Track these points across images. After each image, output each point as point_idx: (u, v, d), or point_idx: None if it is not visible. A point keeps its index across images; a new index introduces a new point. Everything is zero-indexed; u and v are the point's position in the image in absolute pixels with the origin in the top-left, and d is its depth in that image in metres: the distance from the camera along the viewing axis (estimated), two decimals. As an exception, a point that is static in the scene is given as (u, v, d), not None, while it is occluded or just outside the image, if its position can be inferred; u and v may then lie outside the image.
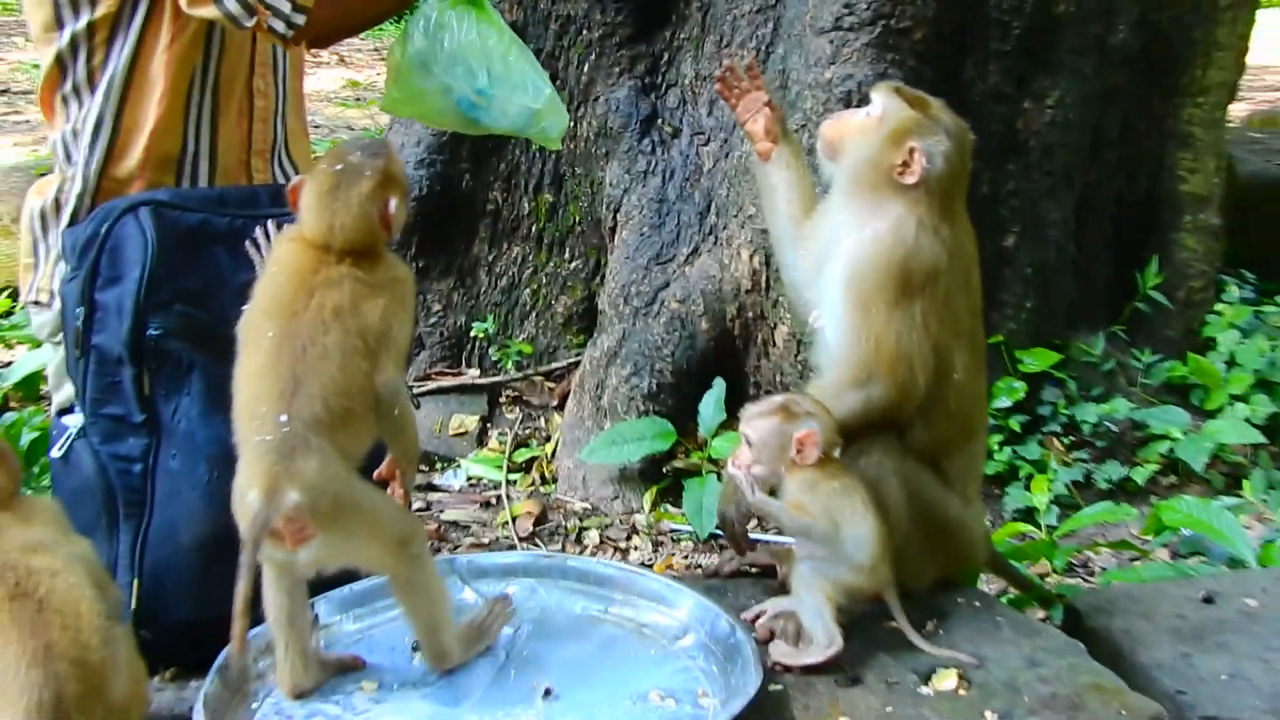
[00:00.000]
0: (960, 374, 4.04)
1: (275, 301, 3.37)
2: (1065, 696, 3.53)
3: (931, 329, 3.93)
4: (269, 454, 3.19)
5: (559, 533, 5.55)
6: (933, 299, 3.94)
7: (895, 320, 3.89)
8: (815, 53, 5.69)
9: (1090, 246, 6.45)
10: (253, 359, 3.32)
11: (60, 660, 3.09)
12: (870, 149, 3.98)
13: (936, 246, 3.94)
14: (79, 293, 3.91)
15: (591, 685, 3.64)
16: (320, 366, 3.27)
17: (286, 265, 3.43)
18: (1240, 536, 4.78)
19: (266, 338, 3.30)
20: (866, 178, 3.99)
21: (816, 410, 3.78)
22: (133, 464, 3.92)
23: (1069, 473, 5.81)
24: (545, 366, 6.55)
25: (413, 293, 3.56)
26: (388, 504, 3.48)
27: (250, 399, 3.28)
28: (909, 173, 3.94)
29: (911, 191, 3.94)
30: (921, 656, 3.74)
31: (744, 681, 3.50)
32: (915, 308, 3.91)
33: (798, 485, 3.74)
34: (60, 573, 3.21)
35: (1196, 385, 6.31)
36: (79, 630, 3.15)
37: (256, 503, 3.15)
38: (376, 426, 3.40)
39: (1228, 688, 3.75)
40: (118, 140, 4.13)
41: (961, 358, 4.04)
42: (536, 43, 6.43)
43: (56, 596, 3.16)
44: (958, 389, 4.05)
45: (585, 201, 6.48)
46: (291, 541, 3.24)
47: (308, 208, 3.43)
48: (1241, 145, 8.14)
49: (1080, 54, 6.09)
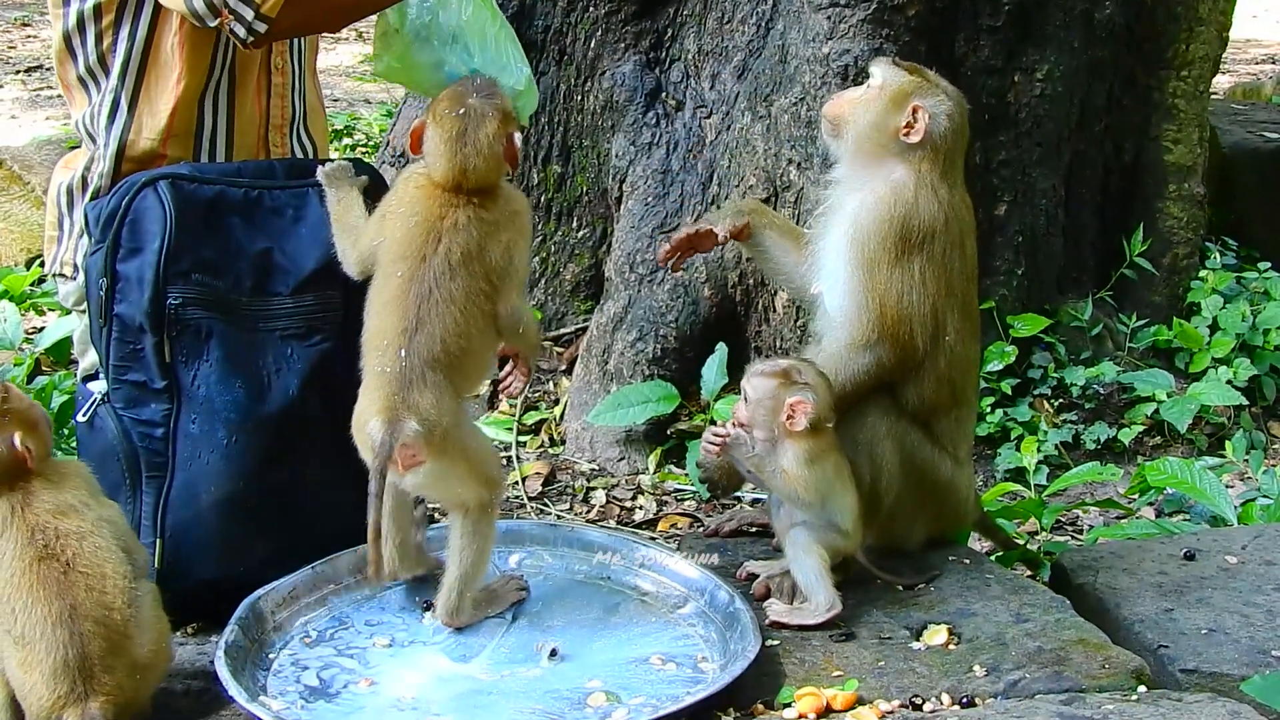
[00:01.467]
0: (951, 337, 4.15)
1: (406, 244, 3.60)
2: (1051, 651, 3.66)
3: (930, 288, 4.06)
4: (390, 384, 3.48)
5: (567, 492, 5.67)
6: (929, 258, 4.06)
7: (896, 279, 4.02)
8: (813, 28, 5.78)
9: (1078, 215, 6.55)
10: (382, 294, 3.59)
11: (85, 620, 3.22)
12: (875, 114, 4.12)
13: (934, 205, 4.07)
14: (101, 264, 3.95)
15: (595, 648, 3.77)
16: (444, 310, 3.54)
17: (416, 207, 3.64)
18: (1222, 495, 4.90)
19: (396, 276, 3.55)
20: (871, 142, 4.12)
21: (816, 382, 3.89)
22: (154, 428, 3.97)
23: (1058, 434, 5.93)
24: (554, 332, 6.62)
25: (530, 220, 3.81)
26: (489, 448, 3.81)
27: (376, 331, 3.58)
28: (914, 131, 4.06)
29: (915, 152, 4.08)
30: (914, 612, 3.88)
31: (743, 646, 3.61)
32: (914, 265, 4.04)
33: (792, 457, 3.87)
34: (88, 535, 3.33)
35: (1181, 349, 6.42)
36: (104, 592, 3.27)
37: (378, 430, 3.44)
38: (500, 340, 3.72)
39: (1207, 641, 3.85)
40: (135, 121, 4.19)
41: (953, 321, 4.15)
42: (545, 19, 6.51)
43: (83, 559, 3.28)
44: (949, 352, 4.16)
45: (592, 172, 6.56)
46: (403, 466, 3.50)
47: (436, 153, 3.65)
48: (1224, 117, 8.15)
49: (1068, 28, 6.18)
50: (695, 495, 5.57)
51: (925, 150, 4.08)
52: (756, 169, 5.95)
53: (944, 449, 4.23)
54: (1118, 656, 3.65)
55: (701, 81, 6.38)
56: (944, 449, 4.23)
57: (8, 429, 3.37)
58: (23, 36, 13.96)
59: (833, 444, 3.95)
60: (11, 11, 15.07)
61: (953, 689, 3.53)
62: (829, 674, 3.61)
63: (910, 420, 4.18)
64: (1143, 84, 6.65)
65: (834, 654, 3.70)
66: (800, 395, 3.84)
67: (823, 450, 3.89)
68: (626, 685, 3.59)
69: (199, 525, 3.94)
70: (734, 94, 6.23)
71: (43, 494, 3.35)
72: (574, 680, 3.61)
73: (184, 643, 3.81)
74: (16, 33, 14.21)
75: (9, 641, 3.24)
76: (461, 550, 3.72)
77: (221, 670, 3.45)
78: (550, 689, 3.58)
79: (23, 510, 3.31)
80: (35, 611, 3.21)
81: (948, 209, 4.10)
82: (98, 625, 3.23)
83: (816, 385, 3.89)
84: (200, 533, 3.94)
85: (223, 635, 3.61)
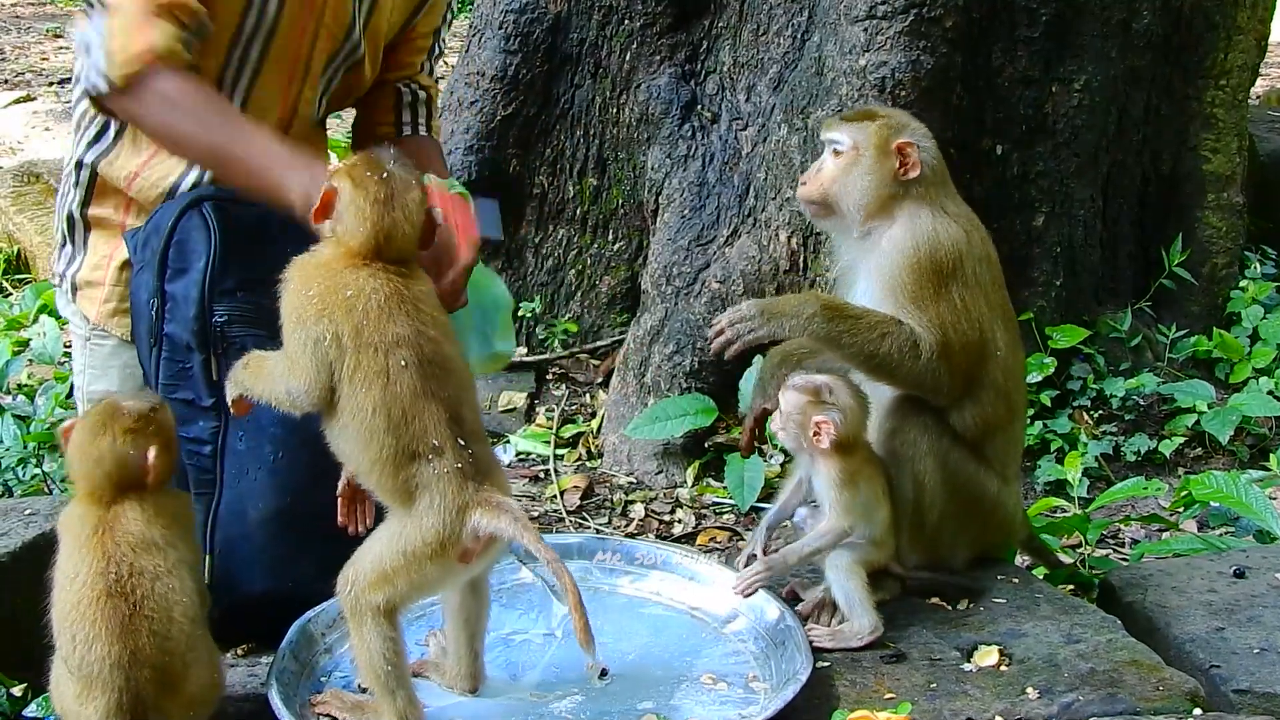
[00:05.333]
0: (1003, 350, 4.13)
1: (381, 326, 3.22)
2: (1104, 672, 3.64)
3: (973, 312, 4.03)
4: (463, 478, 3.19)
5: (605, 506, 5.68)
6: (964, 283, 4.03)
7: (942, 313, 4.00)
8: (850, 40, 5.78)
9: (1117, 225, 6.56)
10: (388, 392, 3.20)
11: (144, 666, 3.18)
12: (868, 172, 4.06)
13: (952, 227, 4.04)
14: (152, 285, 4.00)
15: (645, 667, 3.77)
16: (459, 380, 3.30)
17: (359, 284, 3.25)
18: (1269, 510, 4.83)
19: (400, 365, 3.19)
20: (876, 198, 4.06)
21: (846, 403, 3.87)
22: (203, 445, 4.00)
23: (1098, 445, 5.91)
24: (590, 345, 6.65)
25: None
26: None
27: (414, 436, 3.21)
28: (910, 166, 4.04)
29: (916, 186, 4.05)
30: (964, 633, 3.87)
31: (794, 667, 3.60)
32: (954, 295, 4.01)
33: (826, 479, 3.87)
34: (162, 576, 3.26)
35: (1221, 359, 6.42)
36: (167, 637, 3.22)
37: (482, 528, 3.18)
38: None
39: (1260, 661, 3.82)
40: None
41: (1000, 333, 4.13)
42: (580, 32, 6.54)
43: (152, 601, 3.22)
44: (1003, 365, 4.15)
45: (628, 185, 6.58)
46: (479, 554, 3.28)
47: (357, 218, 3.29)
48: (1261, 124, 8.10)
49: (1105, 38, 6.18)
50: (734, 509, 5.57)
51: (924, 179, 4.06)
52: (793, 181, 5.93)
53: (991, 467, 4.21)
54: (1171, 678, 3.62)
55: (737, 94, 6.39)
56: (991, 467, 4.21)
57: (147, 441, 3.33)
58: (55, 48, 13.97)
59: (866, 459, 3.94)
60: (44, 23, 15.09)
61: (1006, 712, 3.51)
62: (881, 696, 3.59)
63: (954, 437, 4.15)
64: (1181, 93, 6.65)
65: (885, 675, 3.69)
66: (827, 415, 3.83)
67: (856, 468, 3.88)
68: (678, 707, 3.58)
69: (247, 541, 3.97)
70: (770, 106, 6.24)
71: (132, 523, 3.28)
72: (625, 701, 3.60)
73: (235, 664, 3.82)
74: (49, 44, 14.21)
75: (64, 669, 3.23)
76: (471, 610, 3.56)
77: (274, 699, 3.44)
78: (602, 711, 3.57)
79: (108, 533, 3.25)
80: (95, 649, 3.16)
81: (965, 224, 4.09)
82: (155, 670, 3.19)
83: (846, 406, 3.87)
84: (248, 548, 3.97)
85: (274, 660, 3.61)
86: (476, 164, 6.58)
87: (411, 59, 4.56)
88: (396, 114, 4.55)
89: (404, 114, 4.55)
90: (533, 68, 6.58)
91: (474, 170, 6.55)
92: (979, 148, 6.05)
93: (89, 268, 4.36)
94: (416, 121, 4.56)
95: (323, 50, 4.27)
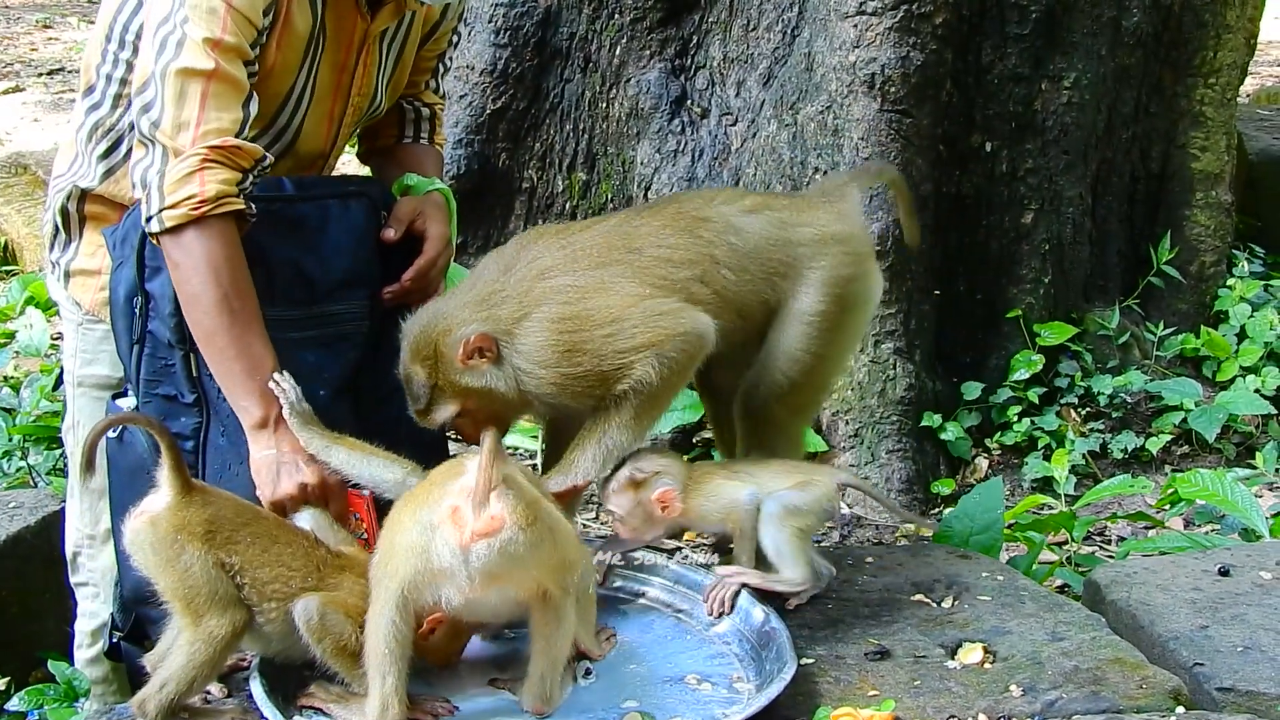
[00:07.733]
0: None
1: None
2: (1087, 670, 3.64)
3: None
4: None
5: (592, 502, 5.65)
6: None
7: None
8: (840, 36, 5.79)
9: (1105, 223, 6.58)
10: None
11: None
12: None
13: None
14: (132, 282, 3.94)
15: (629, 666, 3.74)
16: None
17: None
18: (1254, 509, 4.85)
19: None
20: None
21: (662, 464, 3.91)
22: (185, 441, 3.93)
23: (1085, 443, 5.93)
24: (579, 340, 6.59)
25: None
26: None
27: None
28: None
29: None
30: (948, 630, 3.87)
31: (779, 666, 3.58)
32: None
33: (699, 518, 3.94)
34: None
35: (1208, 357, 6.44)
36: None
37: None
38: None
39: (1244, 659, 3.82)
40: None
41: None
42: (570, 26, 6.54)
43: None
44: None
45: (617, 180, 6.58)
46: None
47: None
48: (1250, 123, 8.12)
49: (1095, 36, 6.20)
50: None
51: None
52: (782, 177, 5.96)
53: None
54: (1155, 676, 3.62)
55: (727, 89, 6.39)
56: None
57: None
58: (45, 39, 13.96)
59: (710, 470, 4.01)
60: (33, 14, 15.08)
61: (990, 709, 3.50)
62: (865, 693, 3.58)
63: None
64: (1170, 92, 6.67)
65: (869, 673, 3.68)
66: (660, 487, 3.88)
67: (707, 484, 3.93)
68: (662, 705, 3.55)
69: (229, 534, 3.94)
70: (759, 101, 6.24)
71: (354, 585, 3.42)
72: (609, 700, 3.57)
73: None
74: (38, 35, 14.20)
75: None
76: (549, 636, 3.47)
77: (256, 690, 3.42)
78: (585, 708, 3.54)
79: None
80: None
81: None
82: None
83: (664, 466, 3.91)
84: (230, 542, 3.94)
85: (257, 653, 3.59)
86: (465, 158, 6.59)
87: (417, 79, 4.56)
88: (399, 128, 4.57)
89: (407, 129, 4.56)
90: (522, 61, 6.59)
91: (463, 164, 6.56)
92: (968, 144, 6.06)
93: (84, 256, 4.34)
94: (419, 135, 4.58)
95: (350, 122, 4.29)
